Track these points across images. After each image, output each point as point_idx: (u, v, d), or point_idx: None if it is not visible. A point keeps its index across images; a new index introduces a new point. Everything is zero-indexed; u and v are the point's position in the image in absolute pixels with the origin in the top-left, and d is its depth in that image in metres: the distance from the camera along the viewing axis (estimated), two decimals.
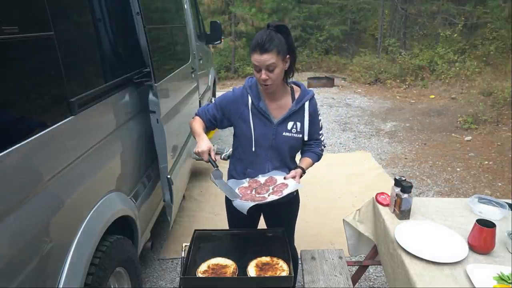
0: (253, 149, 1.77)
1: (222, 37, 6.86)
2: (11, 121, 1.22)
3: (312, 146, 1.87)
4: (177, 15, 3.39)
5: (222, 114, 1.82)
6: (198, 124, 1.83)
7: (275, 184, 1.72)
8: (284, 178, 1.73)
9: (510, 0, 7.99)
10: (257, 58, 1.61)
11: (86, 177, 1.60)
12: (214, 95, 6.29)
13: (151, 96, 2.15)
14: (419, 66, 9.25)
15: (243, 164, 1.83)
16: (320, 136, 1.89)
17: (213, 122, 1.86)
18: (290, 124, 1.76)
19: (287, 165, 1.84)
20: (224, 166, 1.78)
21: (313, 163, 1.87)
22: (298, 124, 1.77)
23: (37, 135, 1.27)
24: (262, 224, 2.07)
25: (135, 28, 2.10)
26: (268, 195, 1.65)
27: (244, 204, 1.58)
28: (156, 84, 2.14)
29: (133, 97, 2.20)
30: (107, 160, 1.83)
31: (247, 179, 1.78)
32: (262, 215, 2.05)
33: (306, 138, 1.80)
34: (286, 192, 1.64)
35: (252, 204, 1.57)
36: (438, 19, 10.09)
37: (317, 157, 1.88)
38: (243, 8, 10.45)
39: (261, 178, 1.77)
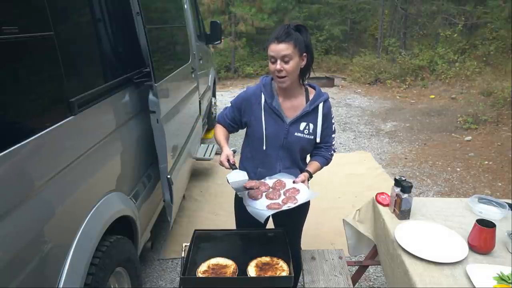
0: (264, 147, 1.76)
1: (222, 37, 6.86)
2: (11, 121, 1.22)
3: (322, 150, 1.86)
4: (177, 15, 3.39)
5: (240, 114, 1.83)
6: (219, 133, 1.87)
7: (285, 188, 1.72)
8: (294, 182, 1.73)
9: (510, 0, 7.98)
10: (273, 47, 1.61)
11: (86, 177, 1.60)
12: (214, 95, 6.29)
13: (151, 96, 2.15)
14: (419, 66, 9.25)
15: (254, 163, 1.83)
16: (332, 140, 1.88)
17: (233, 126, 1.88)
18: (302, 125, 1.76)
19: (298, 166, 1.84)
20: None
21: (321, 168, 1.87)
22: (311, 125, 1.77)
23: (37, 135, 1.27)
24: (269, 225, 2.07)
25: (135, 28, 2.10)
26: (282, 201, 1.65)
27: (260, 213, 1.57)
28: (156, 84, 2.14)
29: (133, 97, 2.20)
30: (107, 160, 1.83)
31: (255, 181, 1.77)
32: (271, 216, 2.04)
33: (318, 140, 1.79)
34: (301, 201, 1.64)
35: (270, 213, 1.58)
36: (438, 19, 10.08)
37: (326, 161, 1.87)
38: (243, 8, 10.44)
39: (269, 181, 1.77)
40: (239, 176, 1.68)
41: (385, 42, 11.06)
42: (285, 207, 1.61)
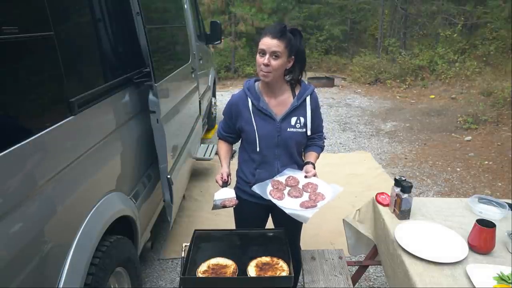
0: (258, 149, 1.78)
1: (222, 37, 6.86)
2: (11, 121, 1.22)
3: (315, 140, 1.91)
4: (177, 15, 3.39)
5: (232, 122, 1.85)
6: (220, 149, 1.93)
7: (301, 184, 1.75)
8: (305, 177, 1.77)
9: (510, 0, 7.98)
10: (266, 41, 1.63)
11: (86, 177, 1.60)
12: (214, 95, 6.29)
13: (151, 96, 2.15)
14: (419, 66, 9.25)
15: (252, 165, 1.85)
16: (322, 128, 1.94)
17: (231, 136, 1.91)
18: (293, 120, 1.78)
19: (296, 162, 1.86)
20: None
21: (318, 157, 1.91)
22: (302, 119, 1.79)
23: (37, 135, 1.27)
24: (269, 225, 2.07)
25: (135, 28, 2.10)
26: (309, 198, 1.68)
27: (302, 215, 1.58)
28: (156, 84, 2.14)
29: (133, 97, 2.20)
30: (107, 160, 1.83)
31: (269, 181, 1.78)
32: (270, 216, 2.05)
33: (309, 133, 1.81)
34: (329, 197, 1.67)
35: (311, 213, 1.58)
36: (438, 19, 10.07)
37: (321, 150, 1.93)
38: (243, 8, 10.43)
39: (280, 178, 1.78)
40: (226, 194, 1.74)
41: (385, 42, 11.06)
42: (319, 205, 1.63)
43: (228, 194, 1.76)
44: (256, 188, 1.72)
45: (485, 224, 1.57)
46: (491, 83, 7.49)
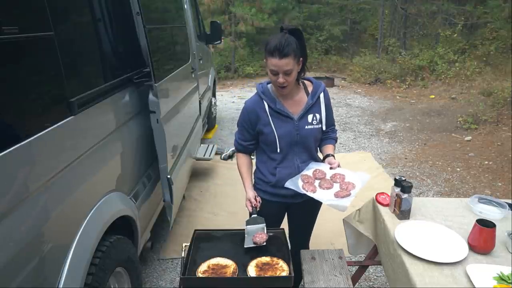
0: (278, 150, 1.81)
1: (222, 37, 6.86)
2: (11, 121, 1.22)
3: (329, 133, 1.96)
4: (177, 15, 3.39)
5: (252, 127, 1.85)
6: (241, 166, 1.93)
7: (329, 175, 1.80)
8: (331, 168, 1.81)
9: (510, 0, 7.98)
10: (275, 62, 1.63)
11: (86, 177, 1.60)
12: (214, 95, 6.29)
13: (151, 96, 2.15)
14: (419, 66, 9.24)
15: (272, 164, 1.87)
16: (334, 121, 2.00)
17: (252, 143, 1.91)
18: (310, 117, 1.82)
19: (314, 158, 1.92)
20: (224, 166, 1.80)
21: (334, 148, 1.97)
22: (317, 115, 1.84)
23: (37, 135, 1.27)
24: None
25: (135, 28, 2.10)
26: (341, 188, 1.73)
27: (342, 204, 1.63)
28: (156, 84, 2.14)
29: (133, 97, 2.20)
30: (107, 160, 1.83)
31: (299, 176, 1.80)
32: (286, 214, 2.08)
33: (324, 128, 1.86)
34: (359, 185, 1.73)
35: (349, 202, 1.64)
36: (438, 19, 10.08)
37: (335, 142, 2.00)
38: (243, 8, 10.43)
39: (307, 172, 1.83)
40: (256, 223, 1.76)
41: (385, 42, 11.05)
42: (353, 193, 1.69)
43: (258, 222, 1.77)
44: (289, 184, 1.75)
45: (485, 224, 1.57)
46: (491, 83, 7.49)
